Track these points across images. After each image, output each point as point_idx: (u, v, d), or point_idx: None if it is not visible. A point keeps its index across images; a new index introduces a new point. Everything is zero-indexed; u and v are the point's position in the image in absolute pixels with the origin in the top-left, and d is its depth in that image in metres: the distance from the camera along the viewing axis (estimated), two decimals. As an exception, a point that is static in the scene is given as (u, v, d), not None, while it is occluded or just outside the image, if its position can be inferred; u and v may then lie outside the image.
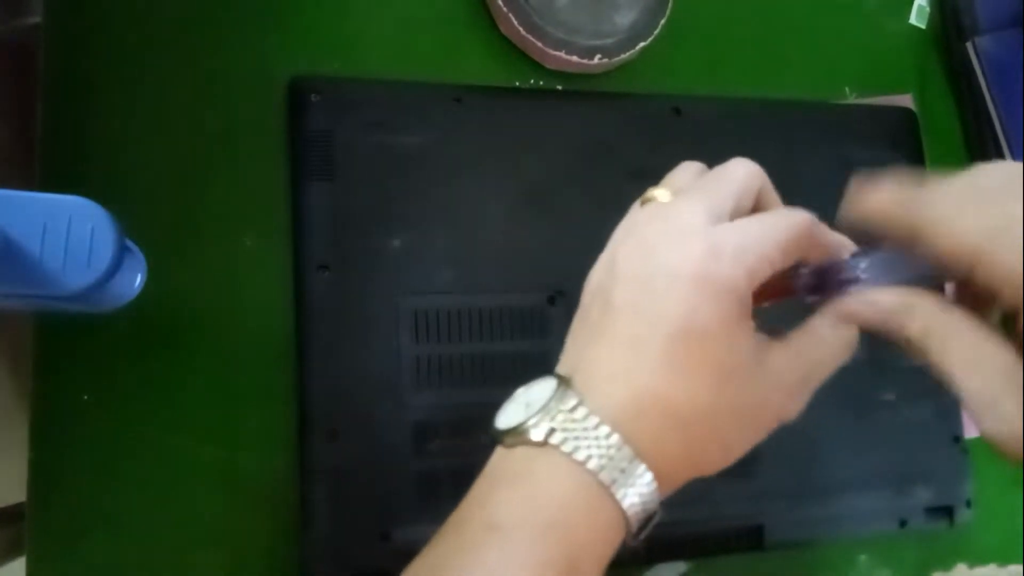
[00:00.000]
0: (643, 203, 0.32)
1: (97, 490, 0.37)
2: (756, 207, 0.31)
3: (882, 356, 0.48)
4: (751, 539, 0.44)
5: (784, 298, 0.31)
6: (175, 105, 0.41)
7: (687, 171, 0.33)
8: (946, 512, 0.48)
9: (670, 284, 0.27)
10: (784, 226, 0.29)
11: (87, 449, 0.38)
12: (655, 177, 0.38)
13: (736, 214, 0.30)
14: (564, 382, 0.28)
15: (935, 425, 0.49)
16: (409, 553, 0.36)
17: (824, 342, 0.30)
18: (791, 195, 0.48)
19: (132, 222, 0.33)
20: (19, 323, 0.41)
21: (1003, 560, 0.51)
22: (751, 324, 0.28)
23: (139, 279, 0.37)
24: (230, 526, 0.39)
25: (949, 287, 0.31)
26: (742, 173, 0.31)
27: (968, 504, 0.49)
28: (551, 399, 0.27)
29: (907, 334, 0.27)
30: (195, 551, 0.38)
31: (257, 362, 0.40)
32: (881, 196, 0.29)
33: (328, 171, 0.41)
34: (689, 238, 0.28)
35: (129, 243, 0.36)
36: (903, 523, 0.47)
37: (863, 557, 0.49)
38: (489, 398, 0.40)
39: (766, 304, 0.33)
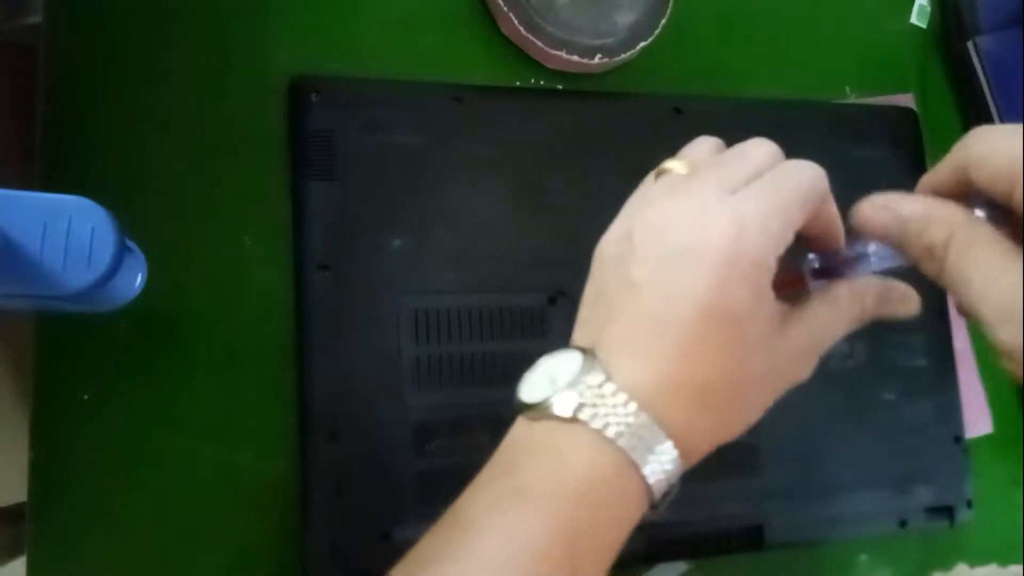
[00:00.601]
0: (658, 175, 0.31)
1: (97, 490, 0.37)
2: None
3: (882, 356, 0.48)
4: (751, 539, 0.44)
5: (791, 289, 0.31)
6: (175, 105, 0.41)
7: (704, 145, 0.33)
8: (946, 512, 0.48)
9: (695, 264, 0.27)
10: (798, 183, 0.29)
11: (87, 449, 0.38)
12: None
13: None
14: (589, 355, 0.28)
15: (935, 425, 0.49)
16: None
17: (841, 311, 0.30)
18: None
19: (132, 222, 0.33)
20: (19, 323, 0.41)
21: (1003, 560, 0.51)
22: (772, 296, 0.28)
23: (139, 279, 0.37)
24: (230, 526, 0.39)
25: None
26: (761, 153, 0.30)
27: (968, 504, 0.49)
28: (579, 373, 0.27)
29: (928, 241, 0.26)
30: (195, 551, 0.38)
31: (257, 362, 0.40)
32: (932, 170, 0.28)
33: (328, 171, 0.41)
34: (711, 216, 0.28)
35: (129, 243, 0.36)
36: (903, 523, 0.47)
37: (863, 557, 0.49)
38: (489, 398, 0.40)
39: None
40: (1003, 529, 0.51)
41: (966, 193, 0.27)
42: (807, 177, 0.29)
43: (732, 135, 0.48)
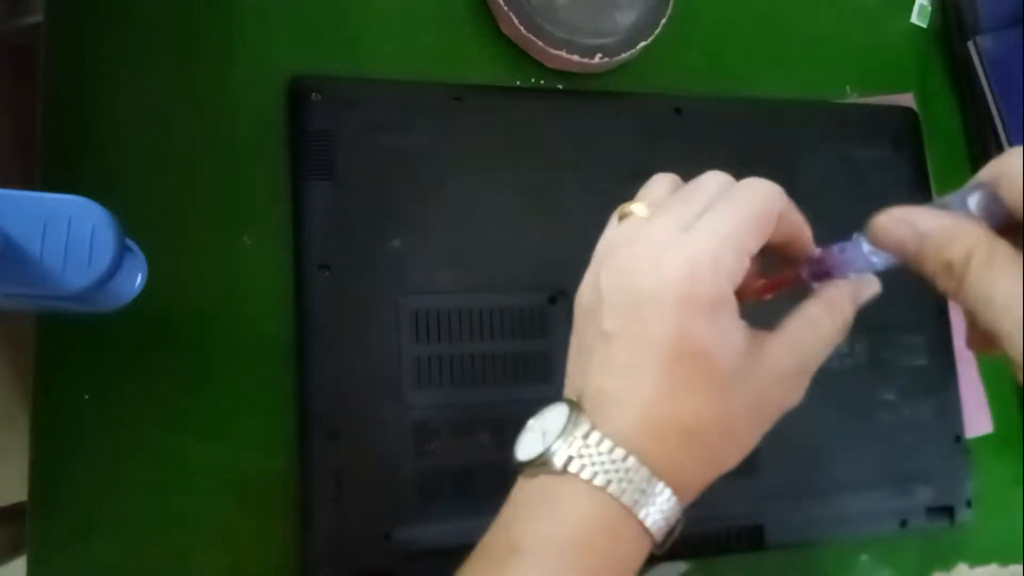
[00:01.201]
0: (621, 218, 0.32)
1: (97, 490, 0.37)
2: None
3: (882, 356, 0.48)
4: (751, 539, 0.44)
5: (788, 287, 0.31)
6: (175, 104, 0.41)
7: (661, 184, 0.33)
8: (946, 512, 0.48)
9: (657, 311, 0.28)
10: (748, 207, 0.29)
11: (87, 449, 0.38)
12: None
13: None
14: (575, 407, 0.29)
15: (935, 425, 0.49)
16: (410, 553, 0.36)
17: (819, 326, 0.30)
18: (791, 195, 0.48)
19: (132, 222, 0.33)
20: (19, 323, 0.41)
21: (1003, 560, 0.51)
22: (740, 323, 0.29)
23: (139, 279, 0.37)
24: (230, 526, 0.39)
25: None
26: (715, 184, 0.31)
27: (968, 504, 0.49)
28: (566, 425, 0.28)
29: (947, 257, 0.26)
30: (196, 551, 0.38)
31: (257, 362, 0.40)
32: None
33: (328, 171, 0.41)
34: (665, 260, 0.28)
35: (129, 243, 0.36)
36: (903, 523, 0.47)
37: (864, 557, 0.49)
38: (489, 398, 0.40)
39: (769, 296, 0.33)
40: (1003, 529, 0.51)
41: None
42: (758, 198, 0.29)
43: (732, 135, 0.48)
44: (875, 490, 0.47)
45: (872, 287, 0.32)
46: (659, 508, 0.28)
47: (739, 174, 0.48)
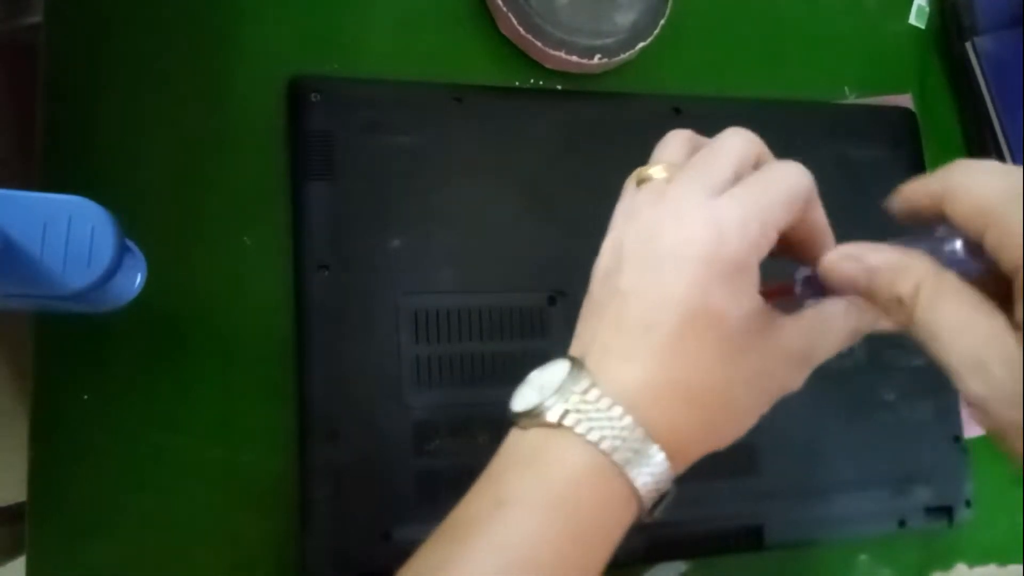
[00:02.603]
0: (639, 183, 0.32)
1: (97, 490, 0.37)
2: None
3: (882, 356, 0.48)
4: (751, 539, 0.44)
5: (784, 298, 0.31)
6: (175, 105, 0.41)
7: (677, 141, 0.33)
8: (946, 512, 0.48)
9: (678, 268, 0.28)
10: (781, 185, 0.29)
11: (87, 449, 0.38)
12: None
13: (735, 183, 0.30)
14: (577, 364, 0.28)
15: (935, 425, 0.49)
16: (410, 553, 0.36)
17: (835, 324, 0.30)
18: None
19: (132, 222, 0.33)
20: (19, 323, 0.41)
21: (1003, 560, 0.51)
22: (758, 296, 0.29)
23: (139, 279, 0.37)
24: (230, 526, 0.39)
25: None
26: (738, 143, 0.31)
27: (968, 504, 0.49)
28: (565, 381, 0.28)
29: (897, 293, 0.26)
30: (195, 551, 0.38)
31: (257, 362, 0.40)
32: (915, 182, 0.28)
33: (328, 171, 0.41)
34: (691, 219, 0.28)
35: (129, 243, 0.36)
36: (903, 523, 0.47)
37: (863, 557, 0.49)
38: (489, 398, 0.40)
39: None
40: (1002, 529, 0.51)
41: (940, 221, 0.27)
42: (791, 177, 0.29)
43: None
44: (874, 490, 0.47)
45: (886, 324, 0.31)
46: (651, 471, 0.27)
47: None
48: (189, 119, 0.41)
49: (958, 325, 0.25)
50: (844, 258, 0.28)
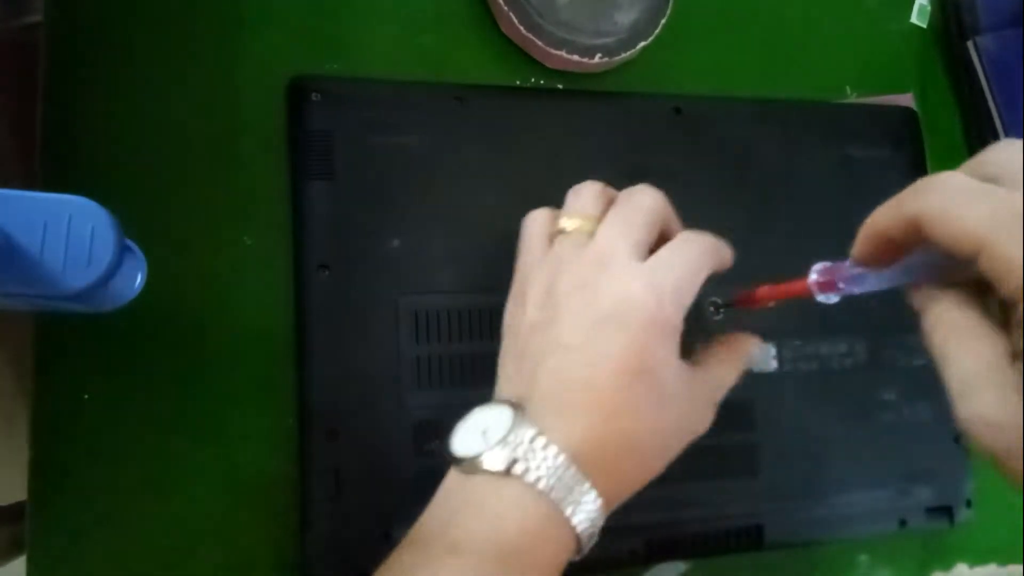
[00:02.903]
0: (557, 234, 0.35)
1: (97, 490, 0.37)
2: (663, 231, 0.35)
3: (882, 357, 0.48)
4: (751, 539, 0.44)
5: (792, 297, 0.34)
6: (175, 105, 0.41)
7: (590, 193, 0.36)
8: (946, 512, 0.48)
9: (622, 328, 0.30)
10: (701, 257, 0.33)
11: (87, 449, 0.38)
12: (655, 177, 0.38)
13: (650, 243, 0.34)
14: (519, 411, 0.30)
15: (935, 425, 0.49)
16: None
17: (730, 365, 0.35)
18: (792, 195, 0.48)
19: (132, 222, 0.33)
20: (19, 323, 0.41)
21: (1003, 560, 0.51)
22: (677, 351, 0.32)
23: (139, 279, 0.37)
24: (230, 526, 0.39)
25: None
26: (650, 203, 0.34)
27: (968, 504, 0.49)
28: (510, 430, 0.29)
29: (924, 325, 0.28)
30: (195, 551, 0.38)
31: (257, 362, 0.40)
32: (884, 208, 0.29)
33: (328, 171, 0.41)
34: (629, 281, 0.31)
35: (129, 243, 0.36)
36: (903, 523, 0.47)
37: (863, 557, 0.49)
38: (488, 398, 0.40)
39: (771, 304, 0.35)
40: (1003, 529, 0.51)
41: (915, 240, 0.28)
42: (706, 243, 0.34)
43: (732, 135, 0.48)
44: (875, 490, 0.47)
45: (758, 347, 0.37)
46: (588, 516, 0.29)
47: (739, 174, 0.48)
48: (189, 119, 0.41)
49: (960, 353, 0.26)
50: (912, 290, 0.29)
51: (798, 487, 0.45)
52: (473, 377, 0.41)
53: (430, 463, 0.40)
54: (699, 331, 0.36)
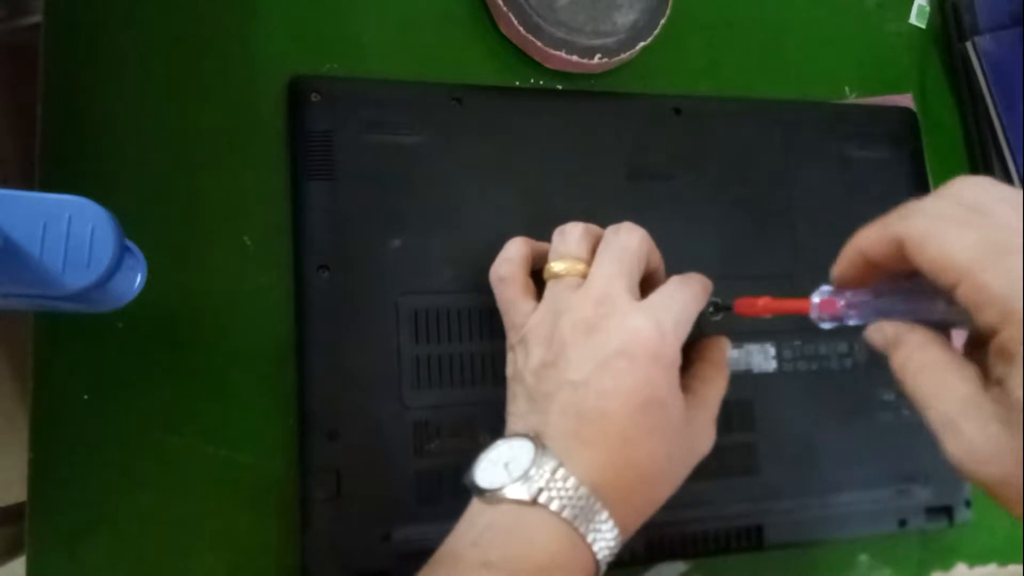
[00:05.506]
0: (551, 278, 0.37)
1: (97, 490, 0.37)
2: (647, 269, 0.37)
3: (881, 357, 0.48)
4: (751, 539, 0.44)
5: (790, 313, 0.35)
6: (175, 105, 0.41)
7: (576, 235, 0.38)
8: (945, 512, 0.48)
9: (629, 364, 0.32)
10: (693, 297, 0.35)
11: (87, 449, 0.38)
12: (655, 177, 0.38)
13: (640, 279, 0.36)
14: (539, 444, 0.32)
15: (935, 425, 0.49)
16: (410, 553, 0.36)
17: (719, 385, 0.37)
18: (791, 195, 0.48)
19: (132, 222, 0.33)
20: (19, 323, 0.41)
21: (1002, 560, 0.51)
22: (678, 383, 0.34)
23: (139, 279, 0.37)
24: (230, 526, 0.39)
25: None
26: (637, 244, 0.36)
27: (968, 504, 0.49)
28: (533, 462, 0.31)
29: (896, 363, 0.29)
30: (195, 551, 0.38)
31: (257, 362, 0.40)
32: (869, 228, 0.30)
33: (328, 171, 0.41)
34: (634, 318, 0.33)
35: (129, 243, 0.36)
36: (903, 523, 0.47)
37: (863, 557, 0.49)
38: (489, 398, 0.40)
39: (769, 316, 0.36)
40: (1002, 529, 0.51)
41: (897, 263, 0.29)
42: (699, 283, 0.36)
43: (732, 135, 0.48)
44: (874, 490, 0.47)
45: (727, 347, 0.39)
46: (608, 543, 0.31)
47: (739, 174, 0.48)
48: (189, 119, 0.41)
49: (935, 392, 0.27)
50: (874, 330, 0.31)
51: (798, 487, 0.45)
52: (473, 377, 0.41)
53: (430, 463, 0.40)
54: (697, 330, 0.36)
